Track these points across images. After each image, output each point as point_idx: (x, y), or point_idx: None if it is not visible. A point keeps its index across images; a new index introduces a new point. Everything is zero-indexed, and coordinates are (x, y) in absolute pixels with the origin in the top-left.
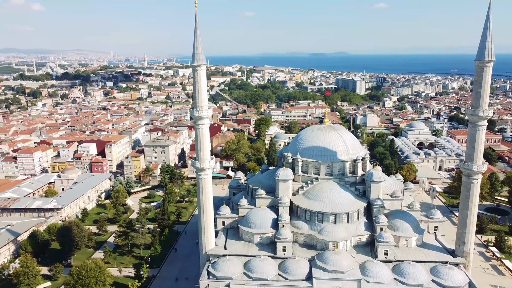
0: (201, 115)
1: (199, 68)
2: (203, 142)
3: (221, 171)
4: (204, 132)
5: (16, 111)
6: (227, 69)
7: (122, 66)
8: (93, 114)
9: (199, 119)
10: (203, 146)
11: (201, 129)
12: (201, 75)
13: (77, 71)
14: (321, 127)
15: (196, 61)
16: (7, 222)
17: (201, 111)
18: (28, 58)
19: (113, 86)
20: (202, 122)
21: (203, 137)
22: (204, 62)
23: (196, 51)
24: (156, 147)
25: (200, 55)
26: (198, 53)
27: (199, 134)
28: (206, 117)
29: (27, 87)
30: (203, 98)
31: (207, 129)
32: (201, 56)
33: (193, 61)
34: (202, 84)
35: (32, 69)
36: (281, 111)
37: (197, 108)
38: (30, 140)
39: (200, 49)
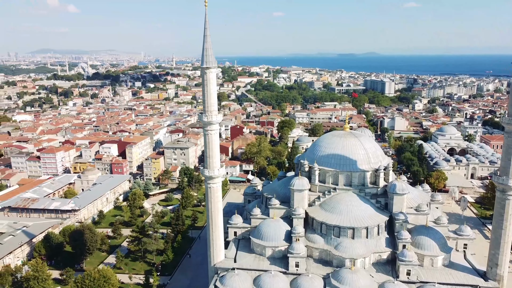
0: (210, 121)
1: (208, 70)
2: (212, 148)
3: (241, 175)
4: (213, 139)
5: (48, 110)
6: (254, 69)
7: (151, 66)
8: (118, 114)
9: (208, 124)
10: (212, 153)
11: (210, 135)
12: (211, 78)
13: (108, 71)
14: (340, 133)
15: (205, 63)
16: (24, 223)
17: (210, 116)
18: (62, 59)
19: (141, 86)
20: (211, 128)
21: (212, 144)
22: (214, 64)
23: (205, 52)
24: (176, 149)
25: (209, 56)
26: (208, 55)
27: (208, 140)
28: (215, 123)
29: (60, 87)
30: (213, 102)
31: (217, 135)
32: (211, 58)
33: (202, 63)
34: (212, 87)
35: (65, 69)
36: (305, 113)
37: (206, 113)
38: (55, 139)
39: (209, 51)
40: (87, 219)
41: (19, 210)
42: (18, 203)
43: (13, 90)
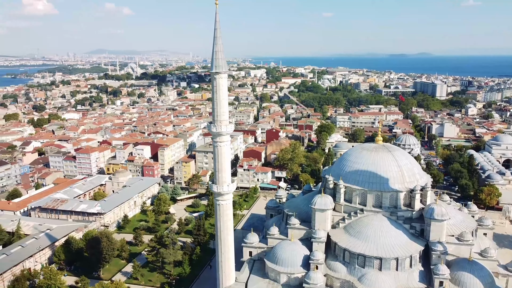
0: (219, 132)
1: (218, 76)
2: (222, 162)
3: (272, 182)
4: (223, 151)
5: (97, 108)
6: (298, 70)
7: (197, 66)
8: (159, 114)
9: (217, 135)
10: (222, 167)
11: (219, 147)
12: (221, 84)
13: (156, 71)
14: (371, 146)
15: (215, 68)
16: (49, 225)
17: (220, 127)
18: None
19: (187, 86)
20: (220, 140)
21: (222, 156)
22: (225, 69)
23: (215, 55)
24: (207, 153)
25: (219, 60)
26: (217, 58)
27: (217, 153)
28: (225, 134)
29: (109, 86)
30: (223, 111)
31: (228, 148)
32: (221, 62)
33: (212, 68)
34: (222, 94)
35: (116, 68)
36: (347, 117)
37: (216, 122)
38: (93, 139)
39: (219, 54)
40: (112, 223)
41: (49, 211)
42: (48, 204)
43: (67, 88)
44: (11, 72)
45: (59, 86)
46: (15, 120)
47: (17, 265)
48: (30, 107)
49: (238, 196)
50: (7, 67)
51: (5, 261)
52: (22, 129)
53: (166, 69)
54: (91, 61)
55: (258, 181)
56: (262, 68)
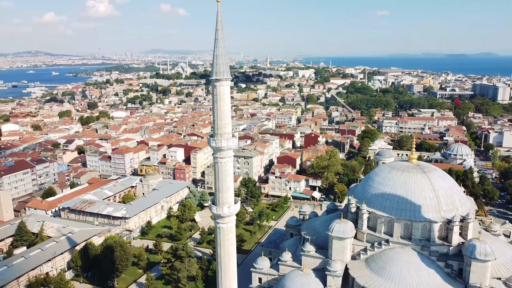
0: (220, 146)
1: (219, 83)
2: (222, 181)
3: (306, 191)
4: (225, 169)
5: (146, 107)
6: (348, 70)
7: (246, 66)
8: (201, 114)
9: (217, 151)
10: (223, 187)
11: (219, 164)
12: (222, 93)
13: (205, 70)
14: (403, 166)
15: (215, 74)
16: (72, 228)
17: (220, 141)
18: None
19: (234, 86)
20: (221, 155)
21: (223, 174)
22: (227, 75)
23: (215, 60)
24: (240, 158)
25: (221, 66)
26: (218, 64)
27: (217, 170)
28: (226, 149)
29: (160, 85)
30: (225, 123)
31: (229, 165)
32: (223, 68)
33: (212, 74)
34: (223, 104)
35: (167, 68)
36: (395, 121)
37: (216, 136)
38: (132, 139)
39: (221, 59)
40: (136, 228)
41: (77, 212)
42: (76, 205)
43: (120, 87)
44: (73, 71)
45: (113, 84)
46: (68, 117)
47: (34, 269)
48: (85, 104)
49: (267, 205)
50: (70, 65)
51: (23, 265)
52: (69, 127)
53: None
54: (146, 61)
55: (290, 189)
56: (311, 68)
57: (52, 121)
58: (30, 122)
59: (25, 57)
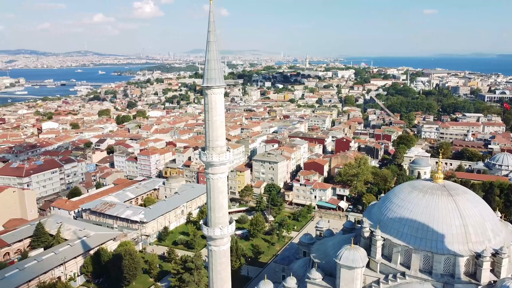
0: (211, 161)
1: (210, 91)
2: (215, 199)
3: (332, 200)
4: (217, 186)
5: (184, 106)
6: (390, 71)
7: (285, 66)
8: (234, 115)
9: (209, 166)
10: (215, 205)
11: (211, 180)
12: (213, 102)
13: (244, 70)
14: (426, 186)
15: (206, 81)
16: (87, 232)
17: (211, 155)
18: None
19: (271, 86)
20: (213, 171)
21: (214, 192)
22: (220, 82)
23: (207, 65)
24: (265, 162)
25: (213, 71)
26: (211, 69)
27: (209, 187)
28: (218, 164)
29: (198, 85)
30: (217, 135)
31: (222, 182)
32: (215, 74)
33: (203, 80)
34: (215, 114)
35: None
36: (435, 126)
37: (208, 149)
38: (161, 140)
39: (213, 63)
40: (154, 233)
41: (97, 214)
42: (97, 207)
43: (160, 86)
44: (118, 70)
45: (153, 83)
46: (107, 115)
47: (46, 273)
48: (125, 103)
49: (290, 214)
50: (116, 65)
51: (34, 268)
52: (103, 126)
53: (253, 68)
54: (188, 60)
55: (315, 198)
56: (351, 68)
57: (90, 120)
58: (70, 120)
59: (74, 56)
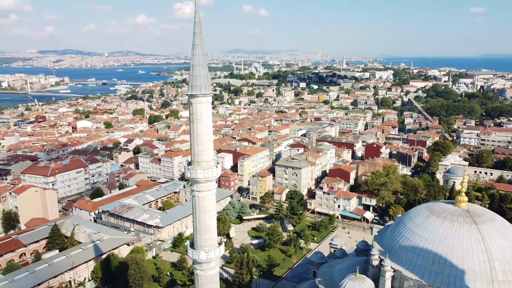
0: (195, 178)
1: (195, 100)
2: (201, 219)
3: (357, 210)
4: (202, 205)
5: (217, 106)
6: (431, 72)
7: (321, 67)
8: (264, 117)
9: (194, 182)
10: (200, 226)
11: (197, 198)
12: (199, 112)
13: (279, 71)
14: (447, 211)
15: (191, 89)
16: (101, 235)
17: (195, 171)
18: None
19: (306, 87)
20: (198, 188)
21: (200, 212)
22: (206, 90)
23: (192, 71)
24: (288, 168)
25: (198, 78)
26: (195, 75)
27: (195, 206)
28: (203, 181)
29: (232, 85)
30: (202, 149)
31: (210, 200)
32: (201, 81)
33: (188, 88)
34: (201, 126)
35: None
36: (476, 132)
37: (193, 164)
38: (187, 141)
39: (199, 69)
40: (169, 239)
41: (115, 216)
42: (116, 209)
43: None
44: (157, 70)
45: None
46: (140, 115)
47: (56, 277)
48: (162, 102)
49: (311, 223)
50: (156, 65)
51: (44, 272)
52: (134, 126)
53: (289, 69)
54: (224, 60)
55: (339, 207)
56: (390, 69)
57: (124, 119)
58: (105, 119)
59: (117, 56)
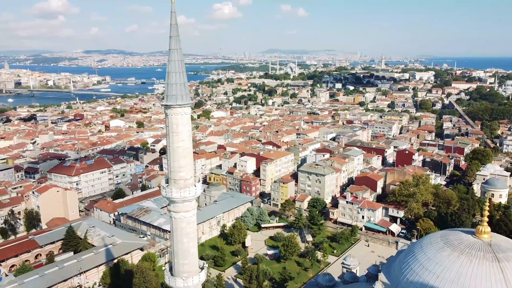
0: (171, 197)
1: (171, 111)
2: (178, 243)
3: (382, 222)
4: (180, 227)
5: (251, 107)
6: (476, 73)
7: (359, 67)
8: (294, 118)
9: (171, 203)
10: (178, 250)
11: (173, 219)
12: (175, 124)
13: (315, 71)
14: (465, 242)
15: (166, 98)
16: (114, 239)
17: (171, 190)
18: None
19: (341, 88)
20: (175, 209)
21: (177, 234)
22: (183, 100)
23: (168, 79)
24: (311, 174)
25: (173, 87)
26: (171, 84)
27: (172, 228)
28: (180, 201)
29: (267, 85)
30: (179, 165)
31: (189, 222)
32: (177, 90)
33: (164, 97)
34: (177, 140)
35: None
36: None
37: (169, 183)
38: (213, 143)
39: (175, 77)
40: None
41: (133, 219)
42: (133, 212)
43: (230, 86)
44: (195, 69)
45: (223, 83)
46: None
47: (66, 281)
48: (195, 102)
49: (332, 234)
50: (193, 64)
51: (54, 275)
52: (163, 126)
53: (325, 69)
54: (261, 60)
55: (363, 218)
56: (431, 70)
57: (157, 118)
58: (138, 118)
59: (157, 56)
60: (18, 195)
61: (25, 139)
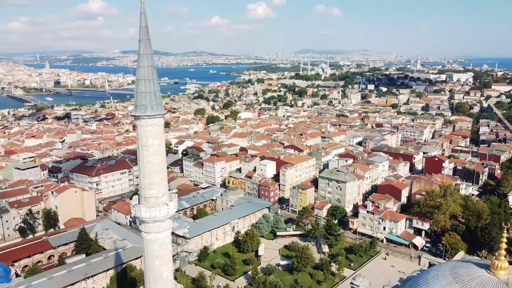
0: (141, 217)
1: (140, 123)
2: (149, 266)
3: (405, 234)
4: (151, 249)
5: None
6: None
7: (393, 68)
8: (321, 121)
9: (142, 222)
10: (149, 275)
11: (145, 241)
12: (144, 137)
13: (347, 72)
14: (477, 278)
15: (135, 108)
16: (125, 243)
17: (139, 209)
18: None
19: (374, 89)
20: (145, 230)
21: (149, 257)
22: (155, 110)
23: (137, 87)
24: (331, 181)
25: (143, 96)
26: (140, 92)
27: (144, 252)
28: (150, 221)
29: (297, 86)
30: (150, 182)
31: (162, 244)
32: (147, 99)
33: (134, 107)
34: (148, 155)
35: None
36: None
37: (140, 200)
38: (236, 145)
39: (145, 85)
40: (195, 251)
41: None
42: None
43: (260, 86)
44: (227, 69)
45: (254, 84)
46: (201, 115)
47: (73, 284)
48: (225, 102)
49: (350, 245)
50: (226, 64)
51: (62, 278)
52: (189, 127)
53: (358, 70)
54: (294, 60)
55: (384, 229)
56: (470, 71)
57: (185, 118)
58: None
59: (190, 56)
60: (38, 195)
61: (54, 138)
